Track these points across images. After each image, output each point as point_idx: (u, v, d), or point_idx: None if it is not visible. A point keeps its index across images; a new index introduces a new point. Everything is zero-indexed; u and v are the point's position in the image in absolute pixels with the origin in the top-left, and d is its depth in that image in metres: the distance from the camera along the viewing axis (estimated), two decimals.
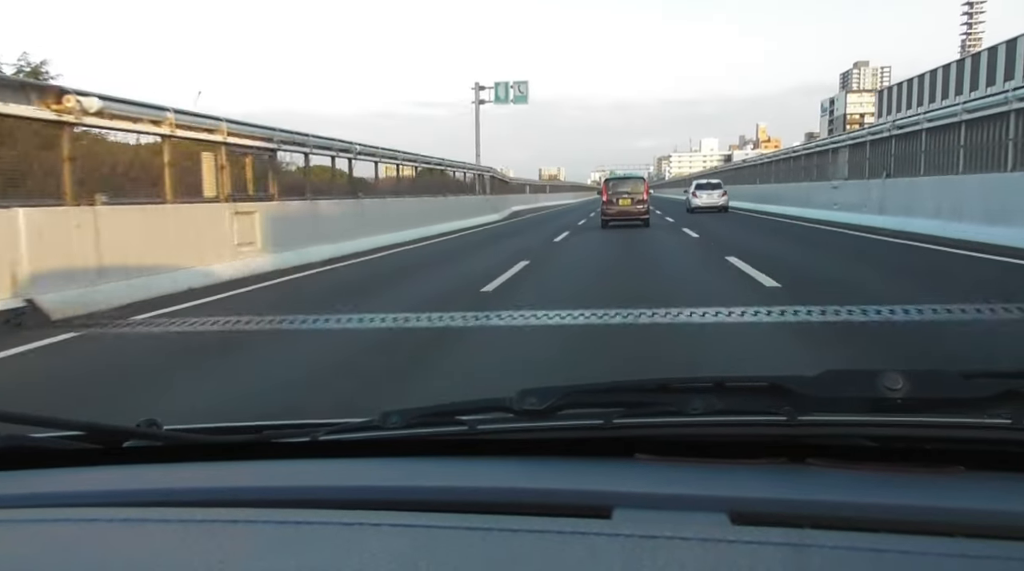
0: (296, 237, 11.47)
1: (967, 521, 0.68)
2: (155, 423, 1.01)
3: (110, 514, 0.79)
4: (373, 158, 16.91)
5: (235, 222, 9.89)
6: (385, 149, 17.47)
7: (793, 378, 0.86)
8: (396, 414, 0.95)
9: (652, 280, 8.30)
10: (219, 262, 9.28)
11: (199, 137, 9.73)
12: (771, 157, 33.97)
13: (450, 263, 11.29)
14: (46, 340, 5.40)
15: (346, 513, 0.75)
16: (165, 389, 4.02)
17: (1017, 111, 11.84)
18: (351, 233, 13.41)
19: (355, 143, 15.34)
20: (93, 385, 4.21)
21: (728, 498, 0.74)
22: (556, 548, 0.66)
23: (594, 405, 0.93)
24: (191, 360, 4.94)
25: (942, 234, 11.96)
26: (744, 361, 4.16)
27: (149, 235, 8.12)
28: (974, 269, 8.49)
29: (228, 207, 9.94)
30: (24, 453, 0.99)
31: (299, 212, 12.32)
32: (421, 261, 11.76)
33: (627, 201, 19.05)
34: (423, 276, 9.59)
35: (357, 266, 11.11)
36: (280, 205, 11.72)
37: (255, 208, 10.62)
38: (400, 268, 10.74)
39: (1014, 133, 11.95)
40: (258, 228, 10.47)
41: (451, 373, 4.21)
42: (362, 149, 15.69)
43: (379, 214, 15.58)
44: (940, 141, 15.18)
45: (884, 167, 17.57)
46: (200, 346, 5.42)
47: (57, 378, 4.46)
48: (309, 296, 8.12)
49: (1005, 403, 0.80)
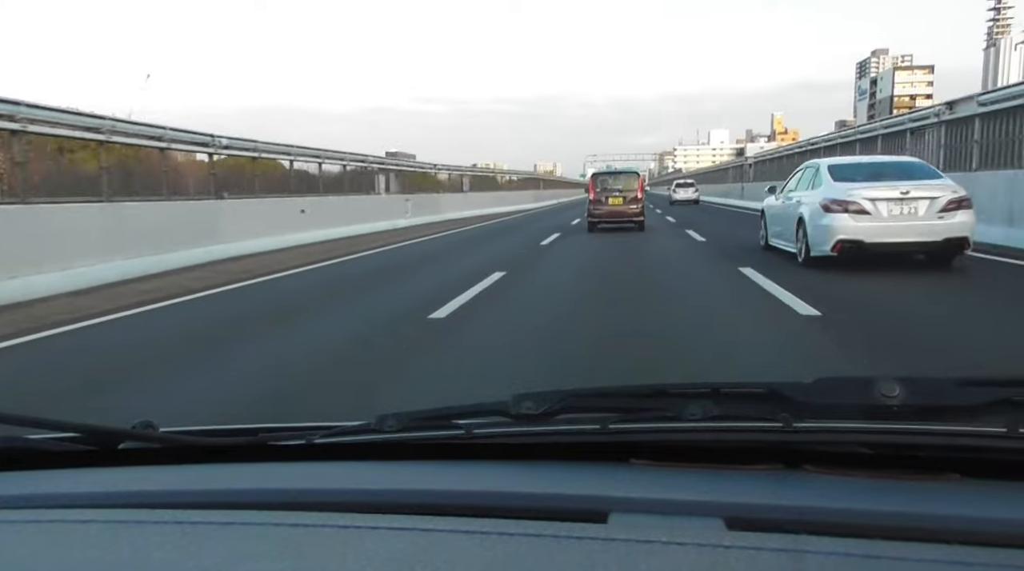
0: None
1: (963, 528, 0.68)
2: (151, 425, 1.01)
3: (105, 515, 0.79)
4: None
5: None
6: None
7: (789, 384, 0.86)
8: (392, 417, 0.95)
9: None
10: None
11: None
12: (792, 149, 28.51)
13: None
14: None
15: (342, 516, 0.75)
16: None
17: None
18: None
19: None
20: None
21: (724, 504, 0.74)
22: (551, 552, 0.66)
23: (591, 410, 0.94)
24: None
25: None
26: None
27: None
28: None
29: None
30: (19, 454, 0.99)
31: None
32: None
33: (618, 200, 16.31)
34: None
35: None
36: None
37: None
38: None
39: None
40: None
41: None
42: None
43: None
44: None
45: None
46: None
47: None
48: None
49: (1000, 411, 0.80)
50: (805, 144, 26.05)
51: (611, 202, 16.38)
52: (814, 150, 22.81)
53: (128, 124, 11.29)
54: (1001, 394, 0.82)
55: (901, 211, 8.03)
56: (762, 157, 36.08)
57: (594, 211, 16.49)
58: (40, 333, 5.90)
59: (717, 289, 7.55)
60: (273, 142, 15.91)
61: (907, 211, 8.01)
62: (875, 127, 19.28)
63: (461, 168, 35.19)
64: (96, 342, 5.77)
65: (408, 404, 1.14)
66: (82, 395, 4.10)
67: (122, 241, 9.77)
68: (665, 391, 0.92)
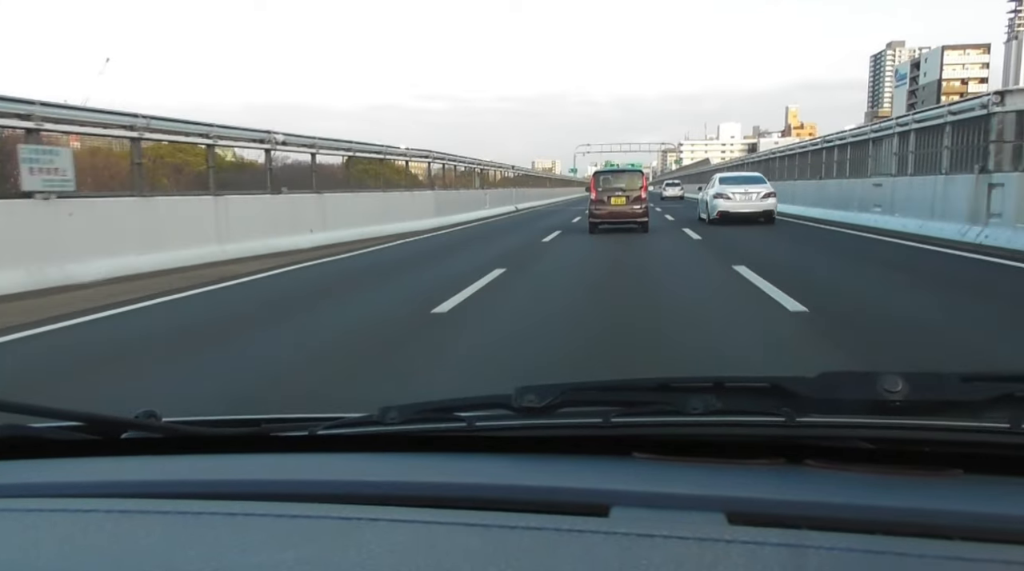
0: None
1: (964, 524, 0.68)
2: (154, 415, 1.01)
3: (107, 505, 0.79)
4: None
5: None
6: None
7: (792, 379, 0.86)
8: (395, 409, 0.95)
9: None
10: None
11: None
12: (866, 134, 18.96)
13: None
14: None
15: (343, 507, 0.75)
16: None
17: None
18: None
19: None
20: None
21: (725, 498, 0.74)
22: (553, 545, 0.66)
23: (593, 403, 0.93)
24: None
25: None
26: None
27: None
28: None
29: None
30: (23, 443, 1.00)
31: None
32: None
33: (621, 199, 15.83)
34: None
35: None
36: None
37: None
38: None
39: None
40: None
41: None
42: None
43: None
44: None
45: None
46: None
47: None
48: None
49: (1003, 407, 0.80)
50: (834, 138, 21.35)
51: (614, 202, 15.90)
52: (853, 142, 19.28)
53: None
54: (1004, 390, 0.82)
55: (744, 198, 17.79)
56: (771, 154, 31.91)
57: (596, 211, 16.02)
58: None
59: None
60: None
61: (747, 198, 17.81)
62: (907, 122, 16.15)
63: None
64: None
65: (410, 394, 1.21)
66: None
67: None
68: (667, 385, 0.92)
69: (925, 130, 14.86)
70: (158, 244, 10.28)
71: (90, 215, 9.45)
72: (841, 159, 20.35)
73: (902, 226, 13.75)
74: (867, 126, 20.71)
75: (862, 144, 18.70)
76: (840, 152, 20.50)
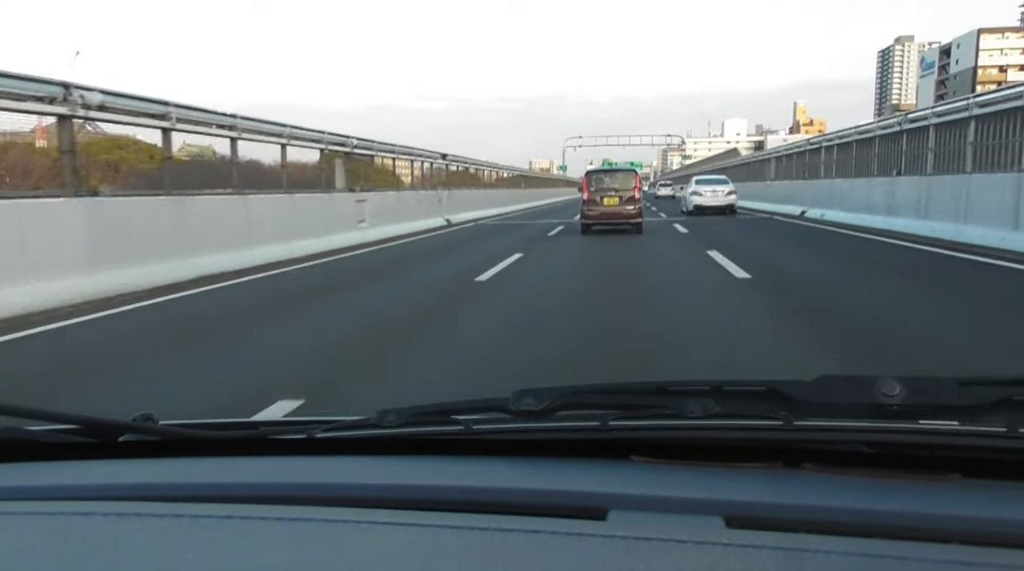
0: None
1: (962, 528, 0.67)
2: (151, 417, 1.00)
3: (105, 508, 0.78)
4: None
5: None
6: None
7: (789, 383, 0.85)
8: (392, 412, 0.94)
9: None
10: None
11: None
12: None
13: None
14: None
15: (341, 511, 0.75)
16: None
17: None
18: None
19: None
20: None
21: (723, 501, 0.73)
22: (550, 548, 0.66)
23: (591, 407, 0.93)
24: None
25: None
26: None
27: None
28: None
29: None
30: (19, 446, 0.98)
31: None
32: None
33: (614, 200, 15.32)
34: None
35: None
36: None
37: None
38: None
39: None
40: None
41: None
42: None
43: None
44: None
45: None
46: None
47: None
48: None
49: (1001, 411, 0.80)
50: (874, 128, 18.70)
51: (606, 202, 15.40)
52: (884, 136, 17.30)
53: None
54: (1002, 394, 0.81)
55: (713, 195, 23.60)
56: (778, 152, 30.05)
57: (588, 212, 15.50)
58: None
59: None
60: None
61: (715, 195, 23.58)
62: (926, 115, 14.78)
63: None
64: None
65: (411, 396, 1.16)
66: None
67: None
68: (665, 388, 0.92)
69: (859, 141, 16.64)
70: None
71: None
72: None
73: (903, 226, 13.72)
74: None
75: (867, 142, 18.32)
76: (839, 151, 20.56)
